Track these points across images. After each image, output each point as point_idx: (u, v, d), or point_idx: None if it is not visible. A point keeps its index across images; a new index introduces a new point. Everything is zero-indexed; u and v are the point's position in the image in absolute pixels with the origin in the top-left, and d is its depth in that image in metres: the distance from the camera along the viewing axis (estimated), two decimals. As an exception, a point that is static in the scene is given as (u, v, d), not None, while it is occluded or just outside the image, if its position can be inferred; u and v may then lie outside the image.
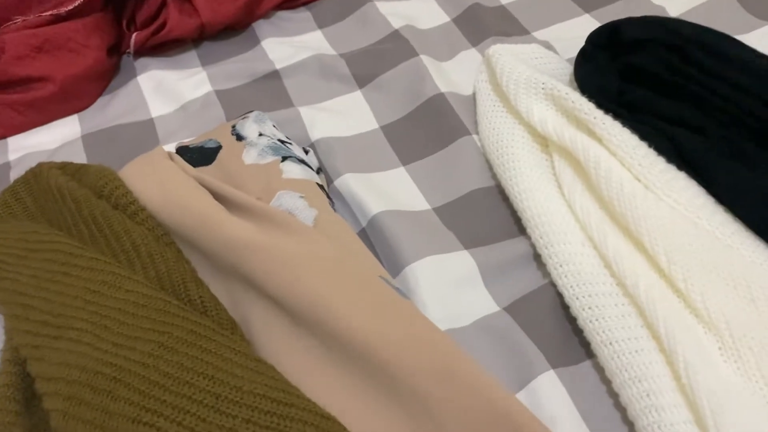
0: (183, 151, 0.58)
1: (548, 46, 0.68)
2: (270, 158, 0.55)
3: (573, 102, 0.53)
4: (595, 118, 0.51)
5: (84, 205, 0.51)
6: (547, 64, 0.61)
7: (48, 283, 0.44)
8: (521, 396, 0.44)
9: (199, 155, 0.57)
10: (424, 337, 0.40)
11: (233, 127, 0.59)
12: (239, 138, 0.57)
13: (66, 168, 0.56)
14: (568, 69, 0.62)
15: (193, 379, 0.38)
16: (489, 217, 0.55)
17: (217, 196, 0.50)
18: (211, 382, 0.38)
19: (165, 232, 0.51)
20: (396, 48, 0.70)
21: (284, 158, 0.55)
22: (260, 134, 0.57)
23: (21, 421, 0.39)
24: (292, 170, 0.54)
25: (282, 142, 0.57)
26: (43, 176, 0.55)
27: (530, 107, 0.56)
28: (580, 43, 0.68)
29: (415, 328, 0.41)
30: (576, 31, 0.70)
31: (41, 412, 0.40)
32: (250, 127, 0.58)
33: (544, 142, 0.57)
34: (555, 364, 0.45)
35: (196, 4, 0.72)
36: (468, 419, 0.36)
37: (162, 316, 0.42)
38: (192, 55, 0.74)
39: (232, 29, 0.76)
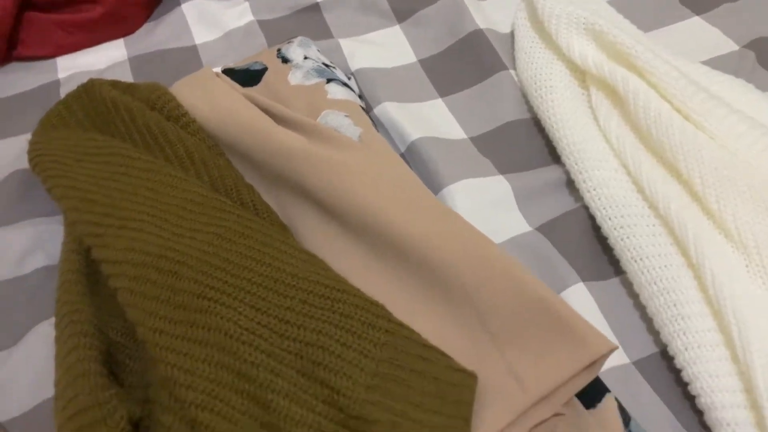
0: (229, 73, 0.60)
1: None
2: (315, 80, 0.56)
3: (614, 36, 0.54)
4: (636, 51, 0.53)
5: (138, 114, 0.53)
6: (588, 1, 0.62)
7: (107, 181, 0.47)
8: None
9: (245, 76, 0.59)
10: (464, 233, 0.42)
11: (278, 50, 0.61)
12: (285, 60, 0.59)
13: (117, 84, 0.58)
14: (609, 9, 0.63)
15: (251, 264, 0.41)
16: (524, 147, 0.57)
17: (266, 112, 0.52)
18: (268, 268, 0.41)
19: (215, 143, 0.53)
20: (436, -16, 0.71)
21: (329, 80, 0.57)
22: (305, 57, 0.58)
23: (86, 300, 0.42)
24: (336, 92, 0.56)
25: (326, 66, 0.59)
26: (95, 90, 0.57)
27: (571, 42, 0.57)
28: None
29: (455, 225, 0.43)
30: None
31: (105, 292, 0.43)
32: (295, 51, 0.59)
33: (582, 77, 0.58)
34: (585, 278, 0.47)
35: (240, -65, 0.73)
36: (505, 301, 0.38)
37: (218, 213, 0.44)
38: (235, -14, 0.76)
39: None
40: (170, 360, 0.36)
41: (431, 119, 0.60)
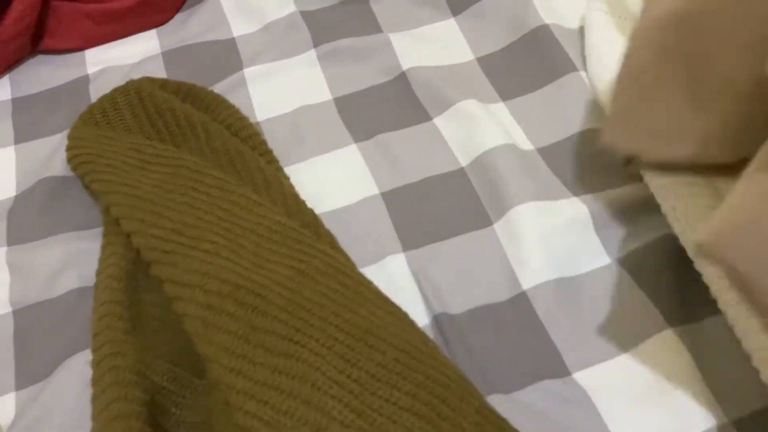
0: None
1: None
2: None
3: None
4: None
5: (216, 136, 0.49)
6: None
7: (174, 195, 0.42)
8: (636, 355, 0.41)
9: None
10: None
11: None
12: None
13: (166, 85, 0.54)
14: None
15: (338, 309, 0.37)
16: (600, 161, 0.51)
17: None
18: (355, 316, 0.37)
19: (288, 176, 0.51)
20: (497, -28, 0.65)
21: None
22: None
23: (129, 340, 0.38)
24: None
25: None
26: (148, 91, 0.53)
27: None
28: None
29: None
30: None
31: (150, 326, 0.39)
32: None
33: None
34: (673, 323, 0.42)
35: None
36: None
37: (298, 245, 0.40)
38: (275, -27, 0.70)
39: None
40: (250, 409, 0.32)
41: (503, 124, 0.55)
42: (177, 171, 0.44)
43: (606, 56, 0.54)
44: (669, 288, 0.44)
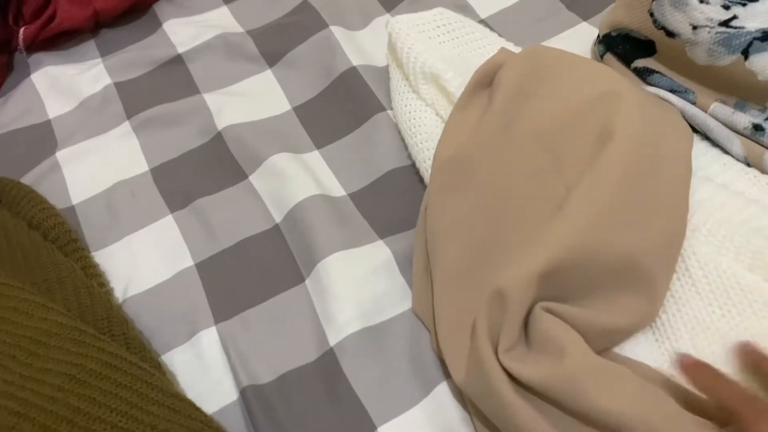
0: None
1: (465, 5, 0.64)
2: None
3: (454, 89, 0.50)
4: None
5: (13, 233, 0.48)
6: (451, 32, 0.56)
7: None
8: (433, 399, 0.41)
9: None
10: None
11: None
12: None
13: None
14: (476, 30, 0.57)
15: (105, 414, 0.36)
16: (406, 198, 0.51)
17: None
18: (123, 418, 0.36)
19: (94, 264, 0.49)
20: (305, 20, 0.65)
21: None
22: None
23: None
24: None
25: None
26: None
27: (434, 98, 0.53)
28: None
29: None
30: (494, -14, 0.66)
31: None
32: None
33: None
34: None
35: (86, -11, 0.67)
36: None
37: (76, 347, 0.38)
38: (90, 45, 0.69)
39: (132, 12, 0.70)
40: None
41: (315, 174, 0.54)
42: None
43: (403, 97, 0.55)
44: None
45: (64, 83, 0.65)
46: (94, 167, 0.58)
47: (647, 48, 0.52)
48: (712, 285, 0.39)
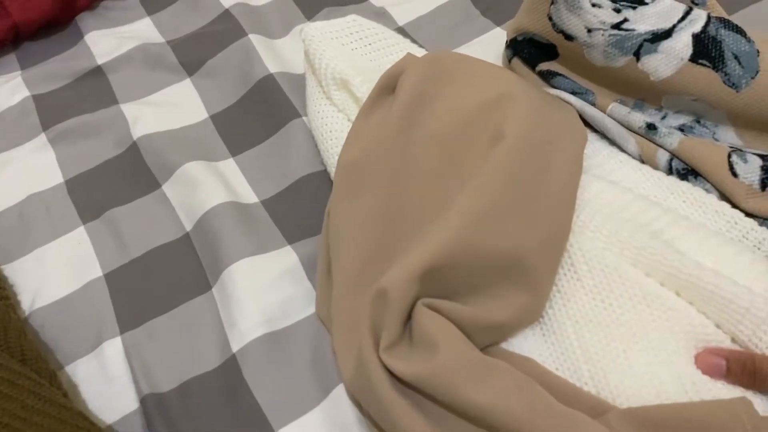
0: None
1: (383, 12, 0.65)
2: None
3: (362, 95, 0.51)
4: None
5: None
6: (363, 38, 0.57)
7: None
8: (330, 402, 0.41)
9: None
10: None
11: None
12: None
13: None
14: (389, 37, 0.58)
15: None
16: (317, 204, 0.52)
17: None
18: (5, 430, 0.35)
19: (2, 278, 0.49)
20: (225, 29, 0.65)
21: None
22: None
23: None
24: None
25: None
26: None
27: (345, 104, 0.54)
28: (415, 7, 0.65)
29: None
30: (411, -6, 0.67)
31: None
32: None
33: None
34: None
35: (5, 1, 0.66)
36: None
37: None
38: (10, 58, 0.68)
39: (54, 24, 0.70)
40: None
41: (228, 182, 0.54)
42: None
43: (317, 104, 0.55)
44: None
45: (-19, 97, 0.64)
46: (8, 180, 0.58)
47: (549, 51, 0.54)
48: (596, 279, 0.40)
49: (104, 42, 0.68)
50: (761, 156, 0.46)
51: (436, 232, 0.38)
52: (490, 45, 0.61)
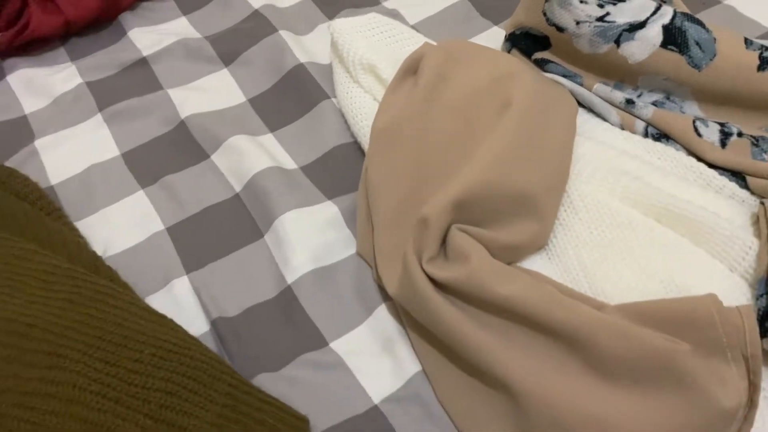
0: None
1: (396, 13, 0.75)
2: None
3: (387, 76, 0.61)
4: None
5: (4, 204, 0.54)
6: (384, 32, 0.67)
7: None
8: (374, 319, 0.50)
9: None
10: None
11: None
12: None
13: None
14: (404, 31, 0.68)
15: (102, 324, 0.43)
16: (349, 169, 0.60)
17: None
18: (118, 327, 0.43)
19: (76, 228, 0.57)
20: (257, 26, 0.74)
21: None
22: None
23: None
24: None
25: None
26: None
27: (371, 85, 0.63)
28: (425, 8, 0.75)
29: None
30: (421, -4, 0.77)
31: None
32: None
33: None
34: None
35: (58, 1, 0.74)
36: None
37: (70, 281, 0.46)
38: (60, 51, 0.76)
39: (98, 23, 0.78)
40: (15, 414, 0.37)
41: (270, 152, 0.63)
42: None
43: (345, 86, 0.64)
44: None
45: (38, 83, 0.72)
46: (70, 153, 0.65)
47: (543, 43, 0.64)
48: (590, 213, 0.49)
49: (146, 37, 0.76)
50: (719, 123, 0.57)
51: (464, 174, 0.47)
52: (489, 40, 0.71)
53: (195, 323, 0.51)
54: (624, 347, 0.39)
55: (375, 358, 0.47)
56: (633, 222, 0.47)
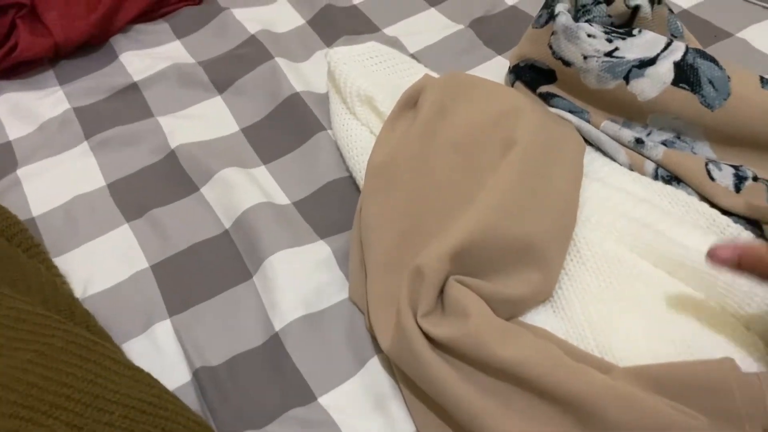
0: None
1: (396, 41, 0.72)
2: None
3: (385, 109, 0.59)
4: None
5: None
6: (383, 62, 0.64)
7: None
8: (366, 372, 0.47)
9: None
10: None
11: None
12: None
13: None
14: (403, 61, 0.65)
15: (72, 381, 0.40)
16: (343, 205, 0.58)
17: None
18: (89, 384, 0.40)
19: (55, 266, 0.54)
20: (253, 52, 0.72)
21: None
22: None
23: None
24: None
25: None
26: None
27: (368, 117, 0.60)
28: (426, 36, 0.72)
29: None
30: (422, 25, 0.75)
31: None
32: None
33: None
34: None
35: (48, 23, 0.72)
36: None
37: (42, 329, 0.43)
38: (49, 74, 0.74)
39: (89, 45, 0.76)
40: None
41: (261, 186, 0.60)
42: None
43: (341, 118, 0.62)
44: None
45: (24, 108, 0.70)
46: (54, 183, 0.63)
47: (549, 76, 0.61)
48: (598, 263, 0.46)
49: (138, 61, 0.74)
50: (733, 166, 0.54)
51: (464, 221, 0.45)
52: (492, 71, 0.69)
53: (176, 371, 0.48)
54: (635, 420, 0.36)
55: (366, 415, 0.44)
56: (642, 274, 0.45)
